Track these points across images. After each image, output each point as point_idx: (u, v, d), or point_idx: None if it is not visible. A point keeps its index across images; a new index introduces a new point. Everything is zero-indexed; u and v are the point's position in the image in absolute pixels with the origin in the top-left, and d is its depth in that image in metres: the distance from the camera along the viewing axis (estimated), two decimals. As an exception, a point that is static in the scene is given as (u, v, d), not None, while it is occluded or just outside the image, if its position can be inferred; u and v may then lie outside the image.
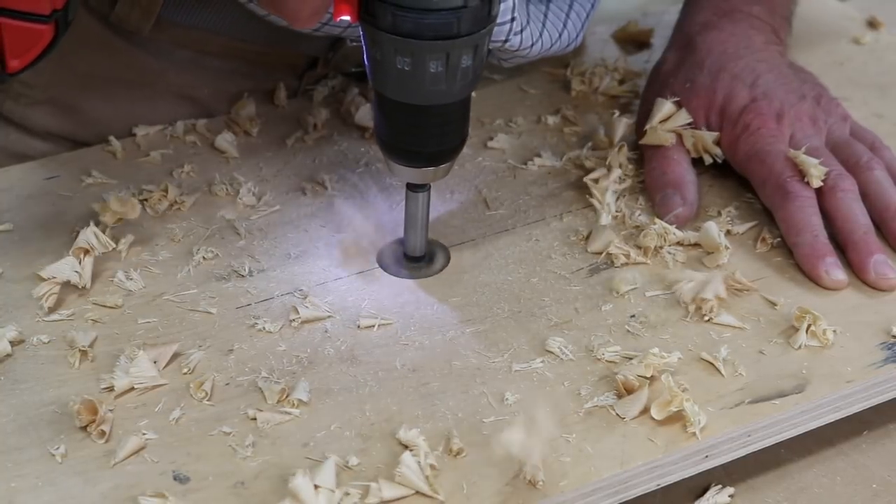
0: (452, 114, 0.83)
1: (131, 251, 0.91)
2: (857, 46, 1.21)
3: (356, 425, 0.77)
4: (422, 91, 0.79)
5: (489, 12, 0.78)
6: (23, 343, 0.83)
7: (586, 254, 0.92)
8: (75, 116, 1.05)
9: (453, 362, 0.82)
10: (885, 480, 0.82)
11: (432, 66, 0.78)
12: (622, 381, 0.79)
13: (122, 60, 1.03)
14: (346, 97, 1.08)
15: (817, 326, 0.84)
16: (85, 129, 1.05)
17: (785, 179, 0.93)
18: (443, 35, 0.76)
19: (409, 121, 0.82)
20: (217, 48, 1.05)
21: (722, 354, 0.82)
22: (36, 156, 1.03)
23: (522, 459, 0.73)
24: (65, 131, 1.05)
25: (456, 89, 0.80)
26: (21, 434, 0.76)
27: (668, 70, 1.04)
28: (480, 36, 0.78)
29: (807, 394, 0.81)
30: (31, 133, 1.05)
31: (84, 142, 1.04)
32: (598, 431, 0.77)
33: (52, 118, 1.05)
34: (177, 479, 0.73)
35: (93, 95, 1.05)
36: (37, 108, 1.04)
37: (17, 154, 1.04)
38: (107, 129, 1.03)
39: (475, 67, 0.80)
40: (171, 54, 1.05)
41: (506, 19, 0.93)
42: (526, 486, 0.73)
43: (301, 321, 0.85)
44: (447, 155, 0.85)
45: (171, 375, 0.80)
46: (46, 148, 1.05)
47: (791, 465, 0.83)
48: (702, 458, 0.77)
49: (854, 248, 0.91)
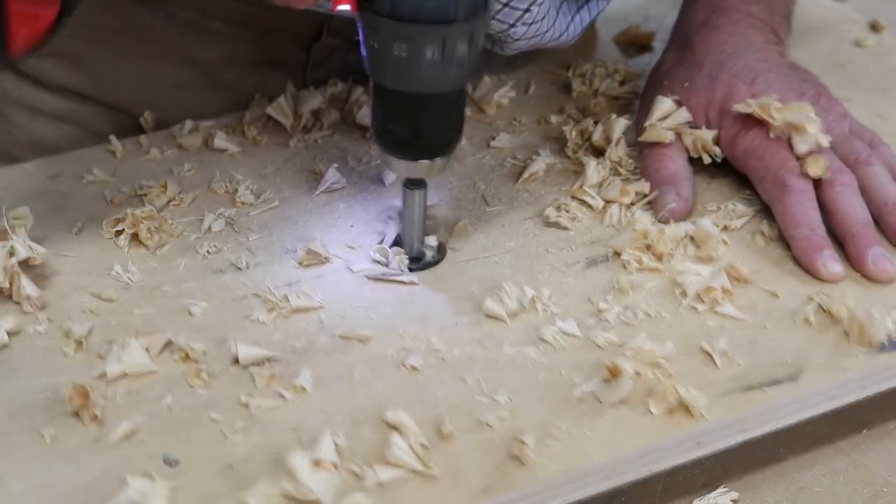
0: (448, 104, 0.84)
1: (130, 246, 0.91)
2: (860, 49, 1.20)
3: (348, 411, 0.77)
4: (418, 78, 0.81)
5: (485, 1, 0.80)
6: (21, 333, 0.83)
7: (583, 248, 0.92)
8: (84, 70, 1.07)
9: (447, 351, 0.82)
10: (885, 480, 0.82)
11: (429, 53, 0.79)
12: (609, 367, 0.79)
13: (126, 18, 1.05)
14: (350, 97, 1.08)
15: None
16: (94, 85, 1.07)
17: (783, 174, 0.93)
18: (439, 19, 0.78)
19: (405, 111, 0.83)
20: (221, 11, 1.07)
21: (719, 344, 0.82)
22: (47, 110, 1.06)
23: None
24: (75, 85, 1.08)
25: (452, 76, 0.81)
26: (13, 420, 0.77)
27: (666, 70, 1.04)
28: (476, 24, 0.80)
29: (801, 383, 0.80)
30: (43, 86, 1.08)
31: (93, 97, 1.07)
32: (590, 417, 0.77)
33: (62, 70, 1.07)
34: (166, 463, 0.74)
35: (101, 49, 1.07)
36: (47, 60, 1.07)
37: (30, 107, 1.06)
38: (115, 86, 1.06)
39: (470, 57, 0.81)
40: (174, 15, 1.06)
41: (520, 7, 0.94)
42: (517, 470, 0.73)
43: (292, 310, 0.85)
44: (444, 148, 0.86)
45: (163, 363, 0.81)
46: (57, 102, 1.07)
47: (791, 464, 0.83)
48: (694, 445, 0.77)
49: (852, 241, 0.91)
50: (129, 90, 1.07)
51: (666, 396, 0.77)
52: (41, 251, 0.87)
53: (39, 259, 0.87)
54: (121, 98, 1.09)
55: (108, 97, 1.09)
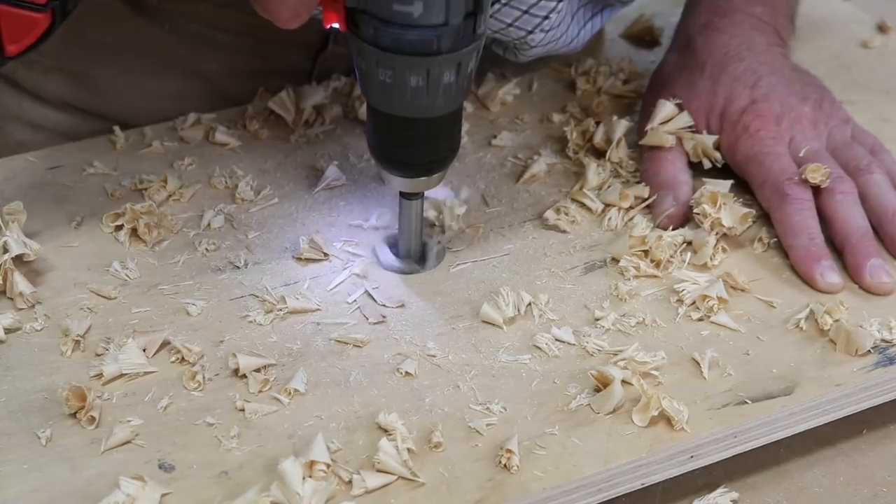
0: (439, 127, 0.82)
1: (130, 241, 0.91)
2: (866, 50, 1.20)
3: (342, 417, 0.78)
4: (403, 103, 0.79)
5: (473, 30, 0.78)
6: (18, 330, 0.84)
7: (582, 252, 0.92)
8: (87, 85, 1.07)
9: (442, 357, 0.82)
10: (885, 480, 0.82)
11: (413, 81, 0.78)
12: (596, 376, 0.79)
13: (131, 30, 1.04)
14: (353, 92, 1.08)
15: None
16: (97, 100, 1.07)
17: (783, 182, 0.93)
18: (422, 51, 0.76)
19: (396, 131, 0.82)
20: (226, 23, 1.06)
21: (710, 356, 0.82)
22: (49, 126, 1.05)
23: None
24: (77, 101, 1.07)
25: (438, 104, 0.80)
26: (10, 420, 0.77)
27: (668, 72, 1.04)
28: (463, 54, 0.78)
29: (795, 396, 0.80)
30: (45, 102, 1.07)
31: (96, 112, 1.06)
32: (583, 428, 0.77)
33: (65, 86, 1.07)
34: (162, 468, 0.74)
35: (103, 64, 1.06)
36: (49, 75, 1.06)
37: (31, 123, 1.06)
38: (118, 101, 1.05)
39: (459, 83, 0.79)
40: (180, 27, 1.06)
41: (540, 14, 0.93)
42: (508, 481, 0.73)
43: (288, 311, 0.85)
44: (437, 165, 0.85)
45: (160, 363, 0.81)
46: (59, 118, 1.07)
47: (791, 465, 0.83)
48: (687, 458, 0.77)
49: (851, 252, 0.91)
50: (132, 104, 1.06)
51: (650, 408, 0.77)
52: (35, 247, 0.87)
53: (34, 255, 0.87)
54: (124, 112, 1.07)
55: (111, 112, 1.07)
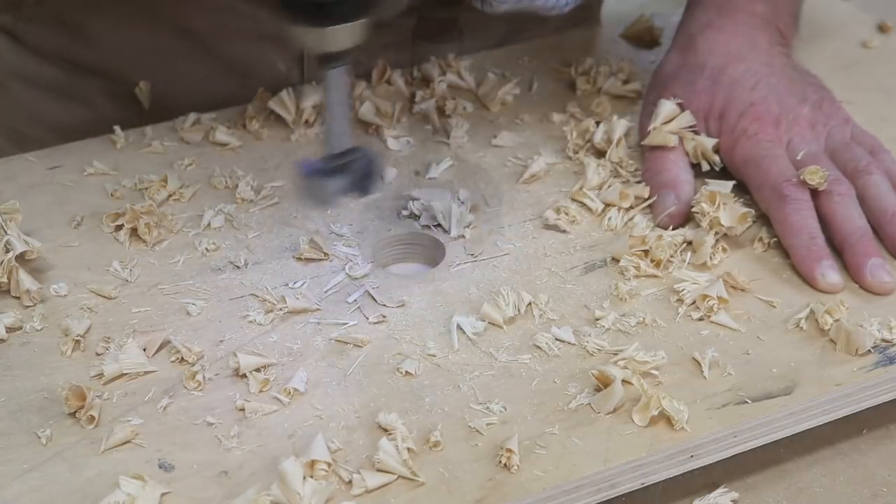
0: None
1: (130, 241, 0.91)
2: (866, 50, 1.20)
3: (342, 417, 0.78)
4: None
5: None
6: (19, 330, 0.84)
7: (582, 252, 0.92)
8: (82, 38, 1.08)
9: (442, 357, 0.82)
10: (885, 480, 0.82)
11: None
12: (598, 376, 0.79)
13: None
14: (353, 91, 1.08)
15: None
16: (92, 53, 1.08)
17: (781, 183, 0.93)
18: None
19: None
20: None
21: (710, 355, 0.82)
22: (44, 83, 1.06)
23: None
24: (74, 54, 1.08)
25: None
26: (10, 420, 0.77)
27: (669, 72, 1.03)
28: None
29: (795, 396, 0.80)
30: (43, 57, 1.08)
31: (92, 68, 1.07)
32: (583, 428, 0.77)
33: (61, 38, 1.08)
34: (162, 468, 0.74)
35: (100, 17, 1.07)
36: (48, 27, 1.07)
37: (29, 80, 1.07)
38: (112, 54, 1.06)
39: None
40: None
41: None
42: (508, 480, 0.73)
43: (288, 311, 0.85)
44: (352, 8, 0.74)
45: (160, 363, 0.81)
46: (54, 74, 1.08)
47: (791, 465, 0.83)
48: (687, 458, 0.77)
49: (851, 252, 0.91)
50: (125, 58, 1.07)
51: (650, 407, 0.77)
52: (36, 244, 0.87)
53: (36, 253, 0.87)
54: (117, 67, 1.09)
55: (106, 65, 1.09)
